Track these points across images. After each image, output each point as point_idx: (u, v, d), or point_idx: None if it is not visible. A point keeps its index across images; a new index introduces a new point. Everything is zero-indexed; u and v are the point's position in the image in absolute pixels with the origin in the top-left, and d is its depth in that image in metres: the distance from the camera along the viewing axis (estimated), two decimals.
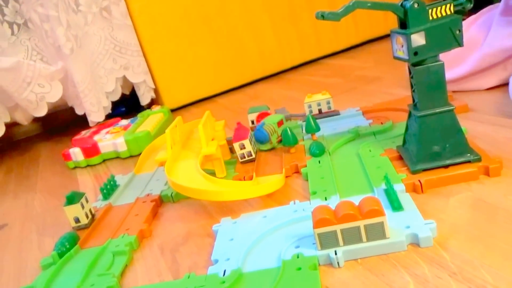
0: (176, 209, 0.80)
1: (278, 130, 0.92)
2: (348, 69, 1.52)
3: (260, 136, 0.90)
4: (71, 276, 0.64)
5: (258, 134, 0.90)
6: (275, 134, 0.91)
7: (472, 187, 0.62)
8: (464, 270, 0.47)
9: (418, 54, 0.63)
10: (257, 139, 0.91)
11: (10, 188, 1.21)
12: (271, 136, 0.90)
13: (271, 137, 0.90)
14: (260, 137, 0.90)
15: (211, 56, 1.59)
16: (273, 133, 0.90)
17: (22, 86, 1.32)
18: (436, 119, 0.65)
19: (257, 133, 0.90)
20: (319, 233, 0.54)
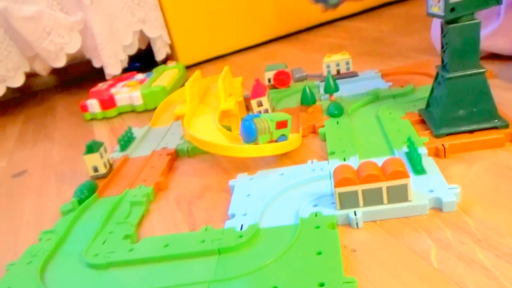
0: (192, 164, 0.80)
1: (274, 132, 0.71)
2: (365, 31, 1.49)
3: (246, 129, 0.70)
4: (90, 222, 0.64)
5: (244, 125, 0.70)
6: (267, 134, 0.71)
7: (498, 154, 0.60)
8: (489, 237, 0.46)
9: (455, 10, 0.60)
10: (241, 132, 0.71)
11: (28, 137, 1.22)
12: (259, 134, 0.70)
13: (259, 136, 0.70)
14: (244, 130, 0.70)
15: (228, 14, 1.56)
16: (264, 132, 0.70)
17: (42, 36, 1.31)
18: (466, 82, 0.63)
19: (244, 125, 0.70)
20: (340, 193, 0.53)
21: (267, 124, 0.70)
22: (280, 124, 0.71)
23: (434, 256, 0.45)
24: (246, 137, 0.70)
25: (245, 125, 0.69)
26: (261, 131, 0.69)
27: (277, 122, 0.71)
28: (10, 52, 1.36)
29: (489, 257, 0.44)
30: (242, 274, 0.47)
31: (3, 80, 1.37)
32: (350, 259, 0.48)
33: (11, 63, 1.36)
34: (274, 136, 0.71)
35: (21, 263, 0.58)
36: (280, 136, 0.72)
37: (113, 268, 0.54)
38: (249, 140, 0.70)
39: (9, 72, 1.37)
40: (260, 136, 0.69)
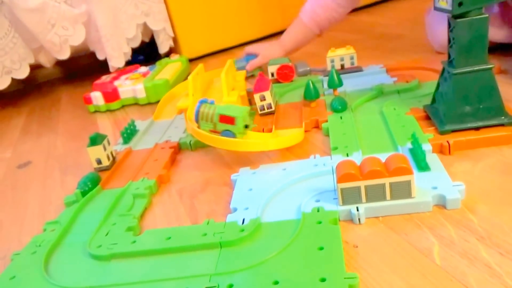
0: (194, 157, 0.80)
1: (217, 124, 0.71)
2: (370, 25, 1.48)
3: None
4: (94, 214, 0.65)
5: None
6: (209, 123, 0.71)
7: (504, 152, 0.60)
8: (492, 234, 0.46)
9: (463, 4, 0.59)
10: None
11: (33, 128, 1.22)
12: (200, 119, 0.71)
13: (200, 120, 0.71)
14: None
15: (231, 7, 1.56)
16: (206, 120, 0.71)
17: (47, 28, 1.31)
18: (473, 78, 0.62)
19: None
20: (343, 188, 0.53)
21: (211, 113, 0.70)
22: (224, 118, 0.70)
23: (437, 253, 0.45)
24: None
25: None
26: (202, 117, 0.71)
27: (221, 116, 0.70)
28: (15, 44, 1.36)
29: (492, 254, 0.43)
30: (244, 267, 0.47)
31: (9, 72, 1.37)
32: (352, 255, 0.48)
33: (16, 55, 1.36)
34: (217, 128, 0.71)
35: (25, 253, 0.59)
36: (224, 131, 0.70)
37: (115, 259, 0.54)
38: None
39: (15, 64, 1.37)
40: (201, 121, 0.71)
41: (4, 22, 1.33)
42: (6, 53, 1.35)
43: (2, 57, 1.34)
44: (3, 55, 1.35)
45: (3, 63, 1.35)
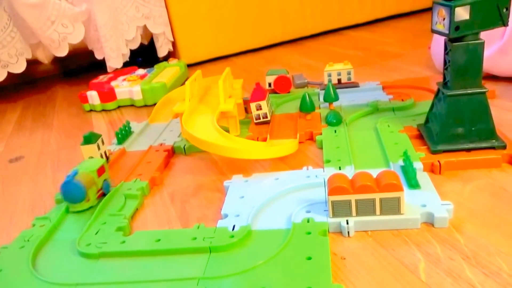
0: (188, 162, 0.80)
1: (98, 181, 0.67)
2: (369, 42, 1.50)
3: (72, 191, 0.64)
4: (84, 212, 0.65)
5: (69, 188, 0.63)
6: (93, 187, 0.66)
7: (493, 175, 0.61)
8: (478, 255, 0.47)
9: (460, 29, 0.61)
10: (67, 196, 0.64)
11: (27, 124, 1.22)
12: (88, 189, 0.65)
13: (88, 190, 0.65)
14: (72, 192, 0.64)
15: (232, 15, 1.57)
16: (91, 185, 0.66)
17: (46, 24, 1.31)
18: (466, 100, 0.64)
19: (68, 187, 0.63)
20: (333, 201, 0.53)
21: (90, 176, 0.66)
22: (100, 170, 0.67)
23: (423, 270, 0.46)
24: (74, 198, 0.64)
25: (69, 188, 0.63)
26: (89, 185, 0.65)
27: (98, 170, 0.67)
28: (13, 38, 1.36)
29: (477, 274, 0.44)
30: (232, 273, 0.48)
31: (5, 66, 1.37)
32: (339, 266, 0.48)
33: (13, 49, 1.36)
34: (99, 185, 0.67)
35: (13, 247, 0.59)
36: (103, 183, 0.68)
37: (104, 258, 0.54)
38: (77, 200, 0.64)
39: (11, 58, 1.37)
40: (89, 190, 0.65)
41: (3, 16, 1.33)
42: (3, 47, 1.35)
43: None
44: (1, 49, 1.35)
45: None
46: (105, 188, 0.68)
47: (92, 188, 0.66)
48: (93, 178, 0.66)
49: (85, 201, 0.65)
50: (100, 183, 0.68)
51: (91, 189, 0.65)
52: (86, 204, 0.65)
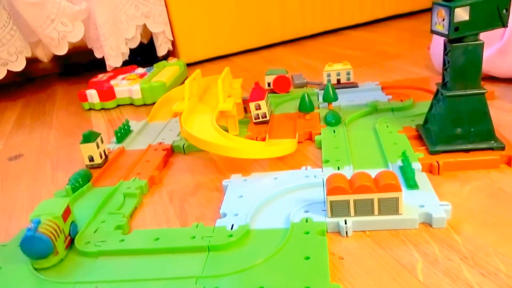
0: (187, 161, 0.80)
1: (65, 227, 0.56)
2: (369, 43, 1.50)
3: (36, 246, 0.52)
4: (83, 211, 0.65)
5: (32, 243, 0.52)
6: (61, 236, 0.54)
7: (492, 175, 0.61)
8: (476, 255, 0.47)
9: (459, 30, 0.61)
10: (31, 253, 0.53)
11: (26, 122, 1.22)
12: (55, 240, 0.53)
13: (55, 242, 0.53)
14: (36, 248, 0.52)
15: (232, 15, 1.57)
16: (58, 235, 0.54)
17: (46, 23, 1.31)
18: (465, 101, 0.64)
19: (31, 243, 0.52)
20: (332, 201, 0.53)
21: (54, 224, 0.54)
22: (65, 213, 0.56)
23: (420, 270, 0.46)
24: (39, 254, 0.53)
25: (34, 242, 0.52)
26: (55, 236, 0.53)
27: (63, 214, 0.55)
28: (13, 36, 1.36)
29: (474, 275, 0.44)
30: (230, 272, 0.48)
31: (4, 64, 1.37)
32: (337, 266, 0.48)
33: (13, 47, 1.36)
34: (66, 231, 0.56)
35: (13, 245, 0.59)
36: (71, 226, 0.57)
37: (103, 257, 0.54)
38: (44, 256, 0.53)
39: (11, 56, 1.37)
40: (57, 242, 0.54)
41: (2, 14, 1.33)
42: (3, 45, 1.35)
43: None
44: (0, 47, 1.35)
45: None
46: (72, 232, 0.57)
47: (60, 238, 0.54)
48: (59, 226, 0.54)
49: (53, 255, 0.53)
50: (67, 229, 0.56)
51: (59, 240, 0.54)
52: (54, 259, 0.54)
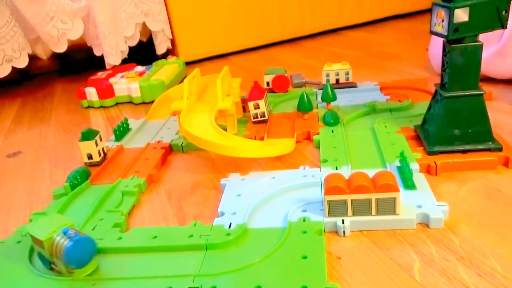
0: (185, 159, 0.80)
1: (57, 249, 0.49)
2: (368, 43, 1.50)
3: (86, 248, 0.50)
4: (81, 208, 0.65)
5: (81, 247, 0.49)
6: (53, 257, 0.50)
7: (489, 176, 0.61)
8: (472, 256, 0.47)
9: (459, 31, 0.61)
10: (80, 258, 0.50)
11: (25, 119, 1.22)
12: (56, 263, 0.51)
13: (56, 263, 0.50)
14: (86, 250, 0.50)
15: (231, 14, 1.57)
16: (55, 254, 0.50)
17: (45, 20, 1.31)
18: (464, 102, 0.64)
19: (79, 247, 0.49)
20: (330, 200, 0.54)
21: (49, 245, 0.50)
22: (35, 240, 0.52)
23: (417, 270, 0.46)
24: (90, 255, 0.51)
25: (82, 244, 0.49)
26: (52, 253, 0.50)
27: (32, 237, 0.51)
28: (16, 33, 1.36)
29: (471, 275, 0.44)
30: (228, 271, 0.48)
31: (9, 60, 1.37)
32: (334, 266, 0.48)
33: (16, 44, 1.36)
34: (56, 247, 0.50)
35: (10, 242, 0.59)
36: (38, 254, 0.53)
37: (101, 254, 0.54)
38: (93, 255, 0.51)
39: (15, 53, 1.37)
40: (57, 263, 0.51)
41: (5, 10, 1.33)
42: (7, 41, 1.35)
43: (3, 45, 1.34)
44: (4, 43, 1.34)
45: (4, 51, 1.35)
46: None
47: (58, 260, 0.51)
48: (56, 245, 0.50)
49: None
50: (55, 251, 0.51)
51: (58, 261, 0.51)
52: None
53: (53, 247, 0.49)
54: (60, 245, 0.48)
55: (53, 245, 0.49)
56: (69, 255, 0.48)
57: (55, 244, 0.49)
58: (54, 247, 0.49)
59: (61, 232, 0.50)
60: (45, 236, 0.49)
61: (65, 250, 0.48)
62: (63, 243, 0.48)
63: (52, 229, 0.50)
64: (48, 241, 0.49)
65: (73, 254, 0.48)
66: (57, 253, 0.49)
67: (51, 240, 0.49)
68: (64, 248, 0.48)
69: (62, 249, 0.48)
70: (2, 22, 1.32)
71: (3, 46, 1.34)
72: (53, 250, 0.49)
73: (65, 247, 0.48)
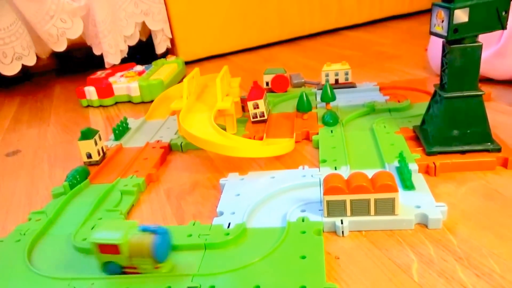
0: (184, 159, 0.80)
1: None
2: (367, 43, 1.50)
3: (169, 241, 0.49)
4: (80, 207, 0.65)
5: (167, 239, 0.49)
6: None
7: (487, 177, 0.61)
8: (471, 256, 0.47)
9: (458, 31, 0.61)
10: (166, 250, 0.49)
11: (24, 118, 1.22)
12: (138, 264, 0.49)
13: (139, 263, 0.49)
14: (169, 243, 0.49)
15: (231, 14, 1.57)
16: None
17: (45, 19, 1.31)
18: (463, 103, 0.64)
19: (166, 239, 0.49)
20: (329, 200, 0.54)
21: None
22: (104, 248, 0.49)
23: (416, 270, 0.46)
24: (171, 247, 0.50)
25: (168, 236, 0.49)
26: None
27: None
28: (24, 31, 1.36)
29: (469, 276, 0.44)
30: (226, 270, 0.48)
31: (19, 58, 1.37)
32: (333, 266, 0.49)
33: (25, 41, 1.36)
34: None
35: (9, 241, 0.59)
36: None
37: None
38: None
39: (24, 50, 1.37)
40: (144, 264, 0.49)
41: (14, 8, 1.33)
42: (17, 39, 1.35)
43: (13, 42, 1.34)
44: (14, 41, 1.34)
45: (14, 49, 1.35)
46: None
47: None
48: None
49: None
50: None
51: None
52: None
53: (133, 248, 0.47)
54: (146, 242, 0.47)
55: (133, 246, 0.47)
56: (158, 249, 0.47)
57: (137, 243, 0.47)
58: (136, 247, 0.47)
59: (138, 230, 0.49)
60: (121, 240, 0.47)
61: (155, 244, 0.47)
62: (148, 239, 0.47)
63: (122, 233, 0.48)
64: (125, 244, 0.47)
65: (161, 248, 0.48)
66: (142, 252, 0.47)
67: (128, 242, 0.48)
68: (153, 243, 0.47)
69: (150, 244, 0.47)
70: (11, 20, 1.33)
71: (13, 44, 1.35)
72: (135, 251, 0.48)
73: (154, 242, 0.47)
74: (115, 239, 0.47)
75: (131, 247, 0.48)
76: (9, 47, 1.35)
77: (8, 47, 1.35)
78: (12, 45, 1.34)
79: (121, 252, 0.48)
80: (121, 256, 0.48)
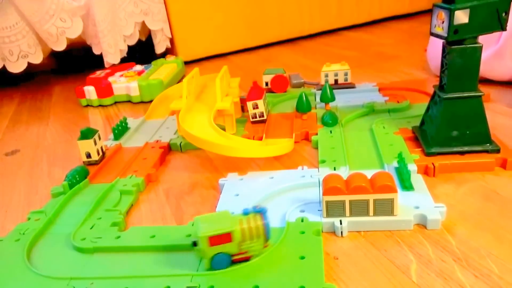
0: (184, 159, 0.80)
1: None
2: (367, 43, 1.51)
3: None
4: (80, 207, 0.65)
5: None
6: None
7: (486, 178, 0.62)
8: (469, 257, 0.47)
9: (459, 32, 0.61)
10: None
11: (23, 118, 1.22)
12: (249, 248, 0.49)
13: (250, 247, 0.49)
14: None
15: (231, 13, 1.57)
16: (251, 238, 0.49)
17: (45, 18, 1.31)
18: (462, 104, 0.64)
19: None
20: (328, 201, 0.54)
21: None
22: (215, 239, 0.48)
23: (414, 271, 0.46)
24: None
25: None
26: None
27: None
28: (30, 29, 1.36)
29: (467, 276, 0.45)
30: (226, 270, 0.48)
31: (25, 56, 1.37)
32: (332, 266, 0.49)
33: (31, 40, 1.36)
34: None
35: (8, 240, 0.59)
36: None
37: (99, 253, 0.54)
38: None
39: (31, 48, 1.37)
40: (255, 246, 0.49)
41: None
42: (23, 37, 1.35)
43: (19, 41, 1.35)
44: (20, 39, 1.35)
45: (20, 47, 1.35)
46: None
47: None
48: None
49: None
50: None
51: None
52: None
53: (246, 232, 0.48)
54: (259, 223, 0.48)
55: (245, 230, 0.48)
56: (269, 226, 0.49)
57: (250, 226, 0.48)
58: (248, 230, 0.48)
59: (243, 214, 0.49)
60: (233, 227, 0.48)
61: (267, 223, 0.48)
62: (259, 220, 0.48)
63: (228, 221, 0.48)
64: (237, 230, 0.48)
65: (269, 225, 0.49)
66: (258, 232, 0.48)
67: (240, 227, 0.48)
68: (263, 223, 0.48)
69: (262, 224, 0.48)
70: (17, 18, 1.33)
71: (19, 42, 1.35)
72: (247, 235, 0.48)
73: (265, 221, 0.48)
74: (228, 227, 0.48)
75: (244, 231, 0.48)
76: (15, 45, 1.35)
77: (14, 45, 1.35)
78: (18, 43, 1.35)
79: (233, 239, 0.48)
80: (232, 244, 0.48)
